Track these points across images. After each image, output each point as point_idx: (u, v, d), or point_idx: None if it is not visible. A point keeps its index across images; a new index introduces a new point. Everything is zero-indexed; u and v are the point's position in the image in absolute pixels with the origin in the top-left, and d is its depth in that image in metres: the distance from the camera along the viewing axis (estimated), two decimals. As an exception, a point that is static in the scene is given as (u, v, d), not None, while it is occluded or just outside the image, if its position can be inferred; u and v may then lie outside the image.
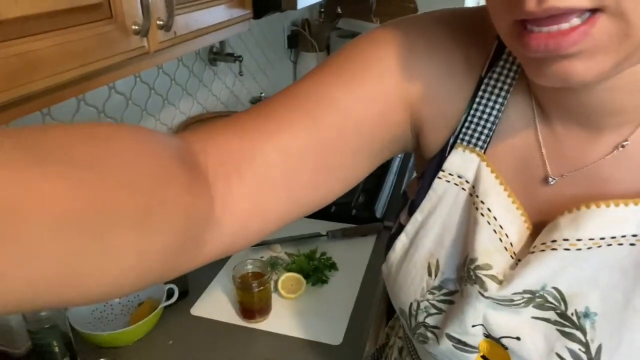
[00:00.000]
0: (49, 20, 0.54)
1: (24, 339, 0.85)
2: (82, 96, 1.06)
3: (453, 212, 0.46)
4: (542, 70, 0.33)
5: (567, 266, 0.39)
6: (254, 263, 0.96)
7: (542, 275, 0.40)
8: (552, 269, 0.40)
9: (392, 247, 0.51)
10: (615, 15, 0.30)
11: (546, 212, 0.41)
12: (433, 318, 0.48)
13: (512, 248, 0.43)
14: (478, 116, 0.44)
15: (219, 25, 0.92)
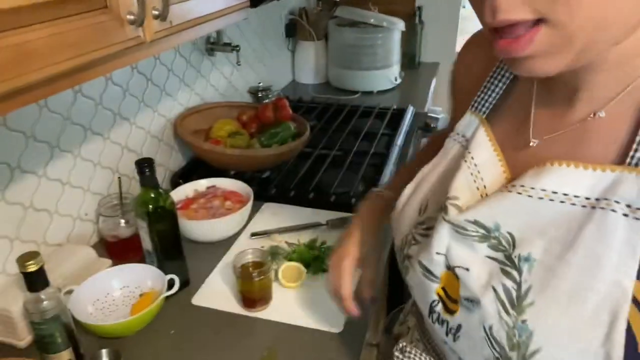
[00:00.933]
0: (43, 11, 0.54)
1: (26, 330, 0.85)
2: (78, 88, 1.06)
3: (449, 164, 0.56)
4: (514, 65, 0.43)
5: (519, 211, 0.46)
6: (254, 252, 0.96)
7: (495, 212, 0.47)
8: (505, 209, 0.47)
9: (401, 194, 0.60)
10: (555, 25, 0.38)
11: (525, 169, 0.48)
12: (412, 248, 0.56)
13: (484, 190, 0.51)
14: (488, 89, 0.56)
15: (216, 14, 0.92)
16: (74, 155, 1.07)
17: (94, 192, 1.14)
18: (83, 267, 0.98)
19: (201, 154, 1.34)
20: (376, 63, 2.11)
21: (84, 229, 1.13)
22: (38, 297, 0.74)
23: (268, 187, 1.34)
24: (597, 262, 0.41)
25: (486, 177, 0.51)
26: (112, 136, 1.18)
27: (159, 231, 0.93)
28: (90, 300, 0.93)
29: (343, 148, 1.56)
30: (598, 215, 0.42)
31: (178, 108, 1.44)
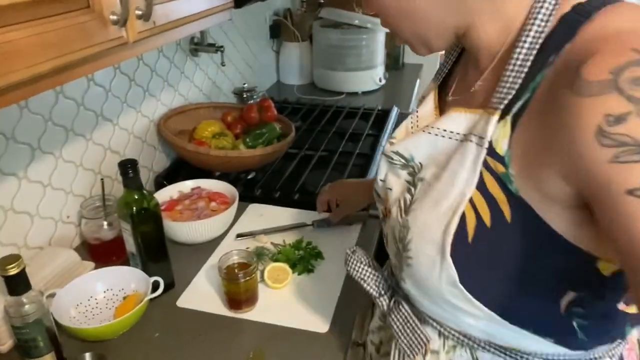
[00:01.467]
0: (24, 11, 0.53)
1: (7, 334, 0.84)
2: (60, 88, 1.04)
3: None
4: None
5: (426, 145, 0.60)
6: (239, 254, 0.96)
7: (411, 147, 0.62)
8: (418, 144, 0.61)
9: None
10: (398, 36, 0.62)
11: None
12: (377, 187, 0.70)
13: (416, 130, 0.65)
14: (445, 62, 0.70)
15: (199, 15, 0.91)
16: (55, 157, 1.06)
17: (76, 194, 1.13)
18: (65, 270, 0.96)
19: (185, 155, 1.34)
20: (360, 64, 2.12)
21: (66, 231, 1.11)
22: (19, 301, 0.73)
23: (253, 188, 1.34)
24: (454, 178, 0.55)
25: (422, 124, 0.65)
26: (95, 137, 1.17)
27: (143, 233, 0.92)
28: (73, 303, 0.91)
29: (328, 149, 1.57)
30: (462, 146, 0.55)
31: (162, 109, 1.43)
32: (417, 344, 0.64)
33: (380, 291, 0.71)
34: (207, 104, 1.58)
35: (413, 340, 0.65)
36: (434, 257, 0.55)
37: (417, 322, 0.65)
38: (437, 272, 0.55)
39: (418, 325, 0.65)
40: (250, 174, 1.43)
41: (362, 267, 0.72)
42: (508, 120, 0.51)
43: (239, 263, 0.95)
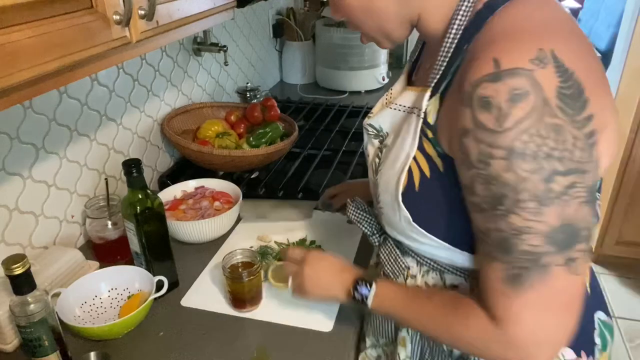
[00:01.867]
0: (28, 11, 0.53)
1: (12, 334, 0.84)
2: (64, 88, 1.05)
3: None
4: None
5: (389, 118, 0.73)
6: (243, 253, 0.96)
7: (379, 119, 0.75)
8: (384, 117, 0.74)
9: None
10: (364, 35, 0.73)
11: None
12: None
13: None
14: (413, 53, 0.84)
15: (202, 14, 0.91)
16: (59, 157, 1.06)
17: (80, 194, 1.13)
18: (70, 270, 0.97)
19: (189, 154, 1.34)
20: (364, 63, 2.12)
21: (70, 231, 1.12)
22: (24, 300, 0.73)
23: (257, 187, 1.34)
24: (403, 142, 0.67)
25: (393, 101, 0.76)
26: (99, 137, 1.17)
27: (147, 232, 0.92)
28: (78, 302, 0.92)
29: (331, 148, 1.57)
30: (409, 117, 0.68)
31: (165, 108, 1.44)
32: (398, 270, 0.78)
33: (373, 231, 0.85)
34: (210, 103, 1.58)
35: (395, 267, 0.78)
36: (393, 204, 0.69)
37: (399, 253, 0.78)
38: (398, 216, 0.69)
39: (400, 255, 0.78)
40: (253, 173, 1.43)
41: (359, 213, 0.85)
42: (437, 97, 0.63)
43: (243, 262, 0.95)
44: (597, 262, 2.61)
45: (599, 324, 0.73)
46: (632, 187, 2.34)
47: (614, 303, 2.37)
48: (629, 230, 2.46)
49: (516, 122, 0.51)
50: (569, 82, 0.52)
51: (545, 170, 0.51)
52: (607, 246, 2.53)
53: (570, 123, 0.52)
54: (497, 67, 0.52)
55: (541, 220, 0.52)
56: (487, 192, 0.55)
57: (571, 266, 0.54)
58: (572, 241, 0.53)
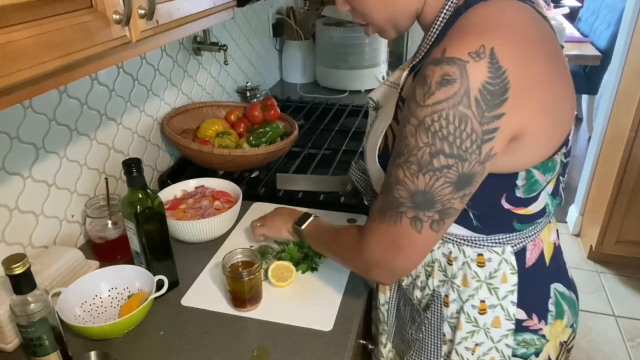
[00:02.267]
0: (28, 11, 0.53)
1: (13, 333, 0.84)
2: (64, 88, 1.05)
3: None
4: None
5: (382, 92, 0.84)
6: (243, 252, 0.96)
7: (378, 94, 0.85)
8: (380, 92, 0.84)
9: None
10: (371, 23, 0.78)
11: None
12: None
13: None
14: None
15: (202, 14, 0.91)
16: (59, 157, 1.06)
17: (80, 194, 1.13)
18: (70, 269, 0.97)
19: (189, 154, 1.34)
20: (364, 62, 2.12)
21: (70, 230, 1.12)
22: (25, 300, 0.73)
23: (257, 186, 1.34)
24: (384, 112, 0.79)
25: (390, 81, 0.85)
26: (99, 137, 1.17)
27: (147, 232, 0.92)
28: (78, 302, 0.92)
29: (331, 147, 1.57)
30: (392, 91, 0.79)
31: (165, 108, 1.44)
32: None
33: (366, 190, 0.95)
34: (210, 103, 1.58)
35: None
36: (373, 165, 0.81)
37: None
38: (377, 174, 0.80)
39: None
40: (253, 173, 1.43)
41: (358, 173, 0.96)
42: (411, 76, 0.74)
43: (243, 261, 0.95)
44: (597, 260, 2.62)
45: (556, 294, 0.82)
46: (632, 186, 2.34)
47: (613, 302, 2.37)
48: (629, 230, 2.46)
49: (435, 102, 0.61)
50: (497, 79, 0.59)
51: (436, 147, 0.62)
52: (607, 245, 2.53)
53: (478, 117, 0.60)
54: (442, 54, 0.61)
55: (414, 181, 0.65)
56: (397, 145, 0.68)
57: (416, 223, 0.67)
58: (426, 205, 0.66)
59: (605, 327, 2.23)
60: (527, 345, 0.80)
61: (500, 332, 0.79)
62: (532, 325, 0.80)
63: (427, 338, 0.85)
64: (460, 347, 0.81)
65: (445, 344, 0.84)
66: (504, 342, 0.80)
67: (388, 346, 0.97)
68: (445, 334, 0.83)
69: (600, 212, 2.48)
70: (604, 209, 2.45)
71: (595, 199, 2.59)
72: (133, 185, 0.90)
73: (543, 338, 0.81)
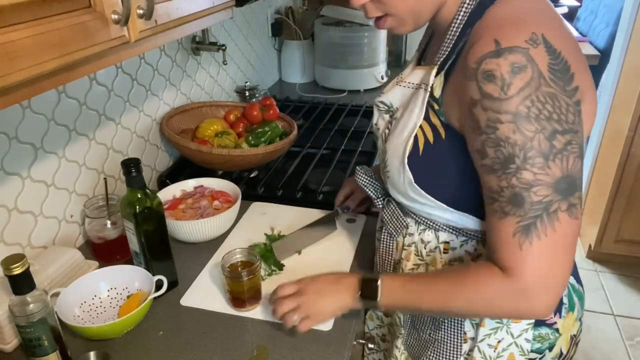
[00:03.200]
0: (26, 11, 0.53)
1: (12, 333, 0.84)
2: (62, 88, 1.05)
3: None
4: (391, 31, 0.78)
5: (398, 94, 0.82)
6: (242, 252, 0.96)
7: (389, 96, 0.85)
8: (394, 94, 0.84)
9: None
10: (392, 15, 0.74)
11: None
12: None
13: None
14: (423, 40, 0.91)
15: (201, 14, 0.91)
16: (58, 157, 1.06)
17: (79, 194, 1.13)
18: (69, 270, 0.97)
19: (188, 154, 1.34)
20: (362, 62, 2.12)
21: (69, 230, 1.12)
22: (24, 300, 0.73)
23: (256, 186, 1.34)
24: (411, 113, 0.76)
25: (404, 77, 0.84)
26: (98, 137, 1.17)
27: (146, 232, 0.92)
28: (78, 302, 0.92)
29: (330, 147, 1.57)
30: (417, 92, 0.77)
31: (164, 108, 1.44)
32: (399, 227, 0.87)
33: (378, 195, 0.94)
34: (209, 102, 1.58)
35: (397, 225, 0.88)
36: (399, 167, 0.77)
37: (401, 213, 0.87)
38: (402, 178, 0.78)
39: (401, 215, 0.87)
40: (252, 173, 1.43)
41: (367, 178, 0.94)
42: (442, 75, 0.72)
43: (242, 261, 0.95)
44: (596, 260, 2.62)
45: (570, 287, 0.82)
46: (630, 185, 2.35)
47: (613, 301, 2.37)
48: (627, 229, 2.46)
49: (519, 90, 0.60)
50: (557, 59, 0.62)
51: (547, 130, 0.60)
52: (606, 244, 2.54)
53: (562, 92, 0.61)
54: (498, 46, 0.61)
55: (548, 173, 0.61)
56: (497, 154, 0.63)
57: (572, 211, 0.63)
58: (572, 189, 0.62)
59: (604, 326, 2.23)
60: (542, 339, 0.80)
61: (520, 327, 0.79)
62: (549, 320, 0.80)
63: (446, 337, 0.84)
64: (482, 344, 0.81)
65: (466, 342, 0.83)
66: (524, 337, 0.80)
67: (402, 348, 0.95)
68: (466, 332, 0.82)
69: (599, 211, 2.48)
70: (602, 208, 2.45)
71: (594, 198, 2.59)
72: (132, 185, 0.90)
73: (557, 332, 0.81)
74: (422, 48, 0.89)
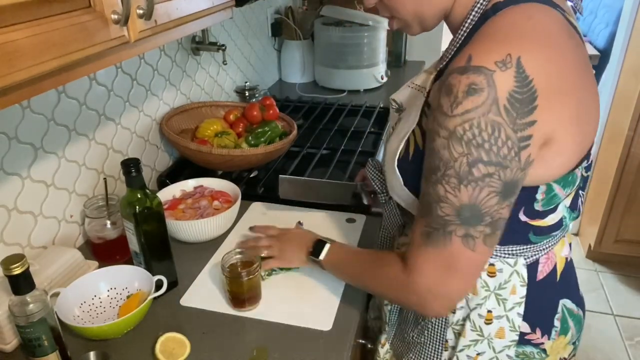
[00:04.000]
0: (26, 11, 0.53)
1: (11, 333, 0.84)
2: (62, 88, 1.05)
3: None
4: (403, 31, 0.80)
5: (406, 94, 0.82)
6: (242, 252, 0.96)
7: (400, 96, 0.83)
8: (404, 95, 0.83)
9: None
10: (398, 18, 0.77)
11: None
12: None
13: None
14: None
15: (201, 14, 0.91)
16: (58, 157, 1.06)
17: (79, 194, 1.13)
18: (69, 270, 0.97)
19: (188, 154, 1.34)
20: (362, 62, 2.12)
21: (69, 231, 1.12)
22: (24, 300, 0.73)
23: (256, 186, 1.34)
24: (409, 116, 0.76)
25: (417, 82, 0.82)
26: (97, 137, 1.17)
27: (146, 232, 0.92)
28: (77, 302, 0.92)
29: (330, 147, 1.57)
30: (418, 94, 0.76)
31: (164, 108, 1.44)
32: (394, 225, 0.91)
33: (382, 190, 0.93)
34: (209, 102, 1.58)
35: (393, 222, 0.91)
36: (392, 169, 0.77)
37: (398, 211, 0.89)
38: (395, 179, 0.77)
39: (398, 214, 0.90)
40: (252, 173, 1.43)
41: (374, 172, 0.94)
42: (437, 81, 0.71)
43: (242, 262, 0.95)
44: (596, 259, 2.62)
45: (563, 310, 0.81)
46: (630, 185, 2.35)
47: (612, 301, 2.37)
48: (627, 229, 2.46)
49: (464, 112, 0.60)
50: (524, 88, 0.59)
51: (472, 156, 0.60)
52: (605, 244, 2.54)
53: (510, 124, 0.59)
54: (468, 62, 0.60)
55: (456, 195, 0.62)
56: (429, 162, 0.66)
57: (468, 241, 0.64)
58: (475, 221, 0.63)
59: (604, 326, 2.23)
60: (526, 358, 0.80)
61: (503, 342, 0.79)
62: (535, 339, 0.79)
63: (428, 342, 0.84)
64: (462, 354, 0.81)
65: (447, 350, 0.83)
66: (506, 353, 0.79)
67: (386, 346, 0.97)
68: (448, 340, 0.82)
69: (599, 211, 2.48)
70: (602, 208, 2.45)
71: (593, 198, 2.59)
72: (132, 185, 0.90)
73: (543, 352, 0.80)
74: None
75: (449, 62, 0.71)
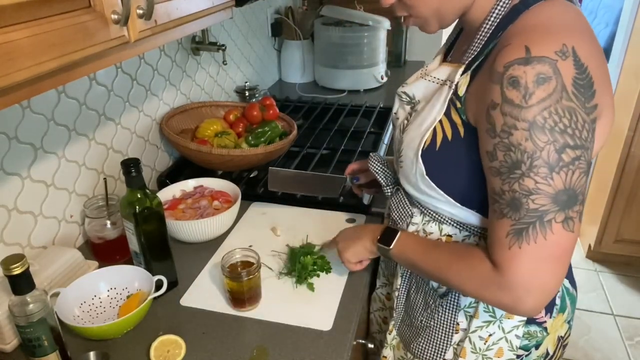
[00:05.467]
0: (26, 11, 0.53)
1: (11, 333, 0.84)
2: (62, 88, 1.05)
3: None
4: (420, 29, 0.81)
5: (421, 87, 0.84)
6: (242, 252, 0.96)
7: (412, 88, 0.86)
8: (417, 86, 0.85)
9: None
10: (414, 15, 0.77)
11: None
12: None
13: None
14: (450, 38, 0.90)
15: (201, 14, 0.91)
16: (58, 157, 1.06)
17: (79, 194, 1.13)
18: (69, 270, 0.97)
19: (188, 154, 1.34)
20: (362, 62, 2.12)
21: (69, 231, 1.12)
22: (24, 300, 0.73)
23: (256, 186, 1.34)
24: (432, 108, 0.78)
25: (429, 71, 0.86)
26: (97, 137, 1.17)
27: (146, 232, 0.92)
28: (77, 302, 0.92)
29: (330, 147, 1.57)
30: (441, 87, 0.78)
31: (164, 108, 1.44)
32: (404, 216, 0.90)
33: (388, 182, 0.97)
34: (209, 102, 1.58)
35: (402, 214, 0.90)
36: (412, 159, 0.79)
37: (408, 202, 0.90)
38: (414, 169, 0.80)
39: (407, 204, 0.90)
40: (252, 173, 1.43)
41: (378, 165, 0.98)
42: (468, 74, 0.73)
43: (242, 261, 0.95)
44: (596, 260, 2.62)
45: (564, 289, 0.85)
46: (630, 185, 2.35)
47: (612, 301, 2.37)
48: (627, 229, 2.46)
49: (539, 100, 0.61)
50: (583, 74, 0.62)
51: (559, 142, 0.62)
52: (605, 244, 2.54)
53: (581, 108, 0.62)
54: (528, 53, 0.62)
55: (550, 184, 0.62)
56: (506, 158, 0.65)
57: (568, 224, 0.64)
58: (572, 202, 0.63)
59: (604, 326, 2.23)
60: (530, 337, 0.82)
61: (512, 323, 0.81)
62: (539, 318, 0.82)
63: (438, 326, 0.86)
64: (474, 335, 0.83)
65: (458, 333, 0.85)
66: (514, 333, 0.82)
67: (394, 333, 0.98)
68: (459, 322, 0.85)
69: (599, 211, 2.48)
70: (602, 208, 2.45)
71: (593, 198, 2.59)
72: (132, 185, 0.90)
73: (545, 331, 0.83)
74: (450, 43, 0.90)
75: (479, 55, 0.72)
